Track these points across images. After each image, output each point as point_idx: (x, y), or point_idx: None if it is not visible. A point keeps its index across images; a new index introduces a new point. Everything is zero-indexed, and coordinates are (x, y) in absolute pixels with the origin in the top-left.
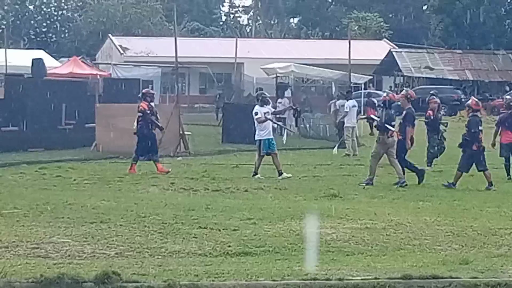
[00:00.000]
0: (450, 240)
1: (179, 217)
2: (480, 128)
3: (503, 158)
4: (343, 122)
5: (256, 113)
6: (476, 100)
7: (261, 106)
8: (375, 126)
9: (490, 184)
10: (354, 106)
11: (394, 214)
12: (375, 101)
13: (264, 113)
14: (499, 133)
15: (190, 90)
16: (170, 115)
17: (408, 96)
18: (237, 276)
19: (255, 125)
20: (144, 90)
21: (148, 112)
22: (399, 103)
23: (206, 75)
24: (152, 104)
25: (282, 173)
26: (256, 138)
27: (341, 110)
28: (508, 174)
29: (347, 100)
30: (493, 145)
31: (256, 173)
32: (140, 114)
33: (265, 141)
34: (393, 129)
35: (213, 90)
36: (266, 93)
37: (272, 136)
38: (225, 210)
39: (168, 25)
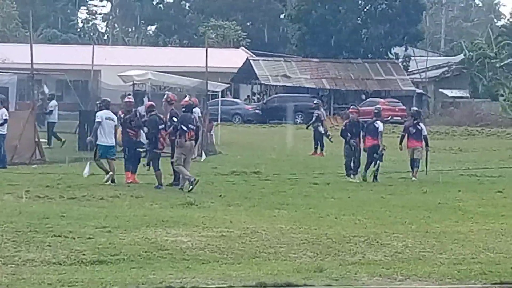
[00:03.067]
0: (305, 248)
1: (33, 225)
2: (160, 127)
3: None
4: None
5: (119, 118)
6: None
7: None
8: (173, 129)
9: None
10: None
11: (249, 222)
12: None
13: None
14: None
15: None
16: (25, 122)
17: (168, 100)
18: (91, 284)
19: (103, 131)
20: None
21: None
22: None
23: (63, 82)
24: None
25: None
26: (111, 144)
27: None
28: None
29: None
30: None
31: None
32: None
33: (113, 148)
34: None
35: (70, 97)
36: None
37: None
38: (80, 218)
39: (24, 32)
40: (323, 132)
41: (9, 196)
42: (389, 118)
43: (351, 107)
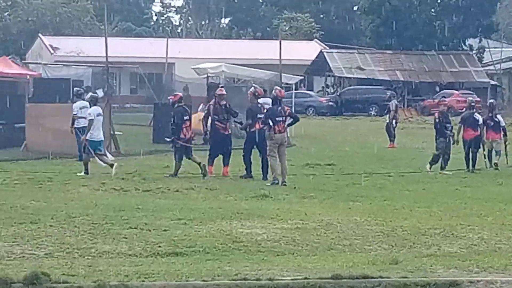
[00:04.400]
0: (380, 240)
1: (109, 217)
2: (185, 118)
3: (465, 152)
4: None
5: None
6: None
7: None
8: (262, 122)
9: (175, 174)
10: (265, 103)
11: (324, 214)
12: None
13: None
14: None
15: (121, 90)
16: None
17: (256, 94)
18: (167, 276)
19: (94, 127)
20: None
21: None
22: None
23: (137, 75)
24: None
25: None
26: (100, 139)
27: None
28: (468, 166)
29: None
30: (457, 141)
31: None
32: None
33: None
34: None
35: (144, 90)
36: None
37: None
38: (156, 211)
39: (99, 25)
40: (387, 121)
41: (85, 189)
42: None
43: (441, 99)
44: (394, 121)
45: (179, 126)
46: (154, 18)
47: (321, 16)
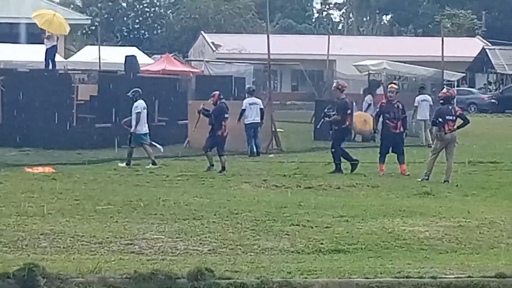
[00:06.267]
0: None
1: (271, 214)
2: (225, 115)
3: None
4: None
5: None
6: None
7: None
8: (432, 123)
9: (223, 168)
10: (423, 100)
11: (487, 212)
12: None
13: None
14: None
15: (282, 87)
16: None
17: (339, 87)
18: (330, 273)
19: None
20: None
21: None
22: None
23: (298, 72)
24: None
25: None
26: (146, 132)
27: (421, 105)
28: None
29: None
30: None
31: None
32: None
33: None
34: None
35: (306, 87)
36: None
37: None
38: (317, 208)
39: (261, 22)
40: None
41: (247, 185)
42: None
43: None
44: None
45: (220, 122)
46: (316, 15)
47: (484, 12)
